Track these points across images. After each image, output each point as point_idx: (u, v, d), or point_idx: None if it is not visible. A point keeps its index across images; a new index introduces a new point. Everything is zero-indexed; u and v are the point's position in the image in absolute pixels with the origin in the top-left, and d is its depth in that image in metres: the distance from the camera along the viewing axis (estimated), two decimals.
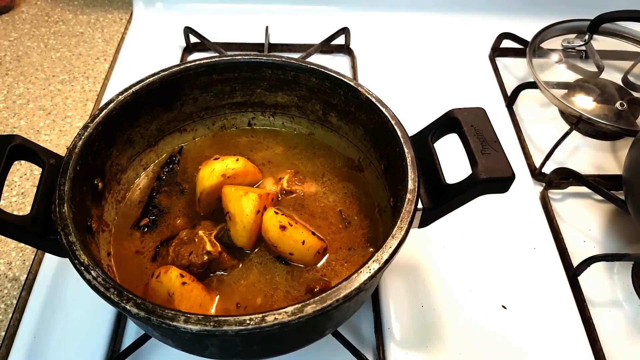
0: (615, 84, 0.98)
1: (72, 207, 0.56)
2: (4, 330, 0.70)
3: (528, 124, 1.01)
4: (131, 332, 0.70)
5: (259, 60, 0.74)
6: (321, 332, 0.61)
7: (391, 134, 0.64)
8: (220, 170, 0.68)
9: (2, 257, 0.77)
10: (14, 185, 0.86)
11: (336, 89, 0.72)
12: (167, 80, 0.70)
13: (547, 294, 0.76)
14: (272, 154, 0.78)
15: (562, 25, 1.06)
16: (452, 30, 1.21)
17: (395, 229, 0.55)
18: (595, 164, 0.95)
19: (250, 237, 0.65)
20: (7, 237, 0.55)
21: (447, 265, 0.78)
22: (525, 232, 0.83)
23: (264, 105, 0.80)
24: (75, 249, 0.52)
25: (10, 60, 1.09)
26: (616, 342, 0.72)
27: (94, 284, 0.50)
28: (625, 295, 0.77)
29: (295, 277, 0.64)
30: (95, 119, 0.64)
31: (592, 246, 0.83)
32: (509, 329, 0.72)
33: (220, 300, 0.62)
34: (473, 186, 0.57)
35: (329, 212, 0.71)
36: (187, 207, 0.71)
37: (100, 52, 1.12)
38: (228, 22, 1.18)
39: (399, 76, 1.09)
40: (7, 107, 0.99)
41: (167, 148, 0.78)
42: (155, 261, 0.66)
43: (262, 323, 0.47)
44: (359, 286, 0.50)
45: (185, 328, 0.47)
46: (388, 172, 0.68)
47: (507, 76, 1.11)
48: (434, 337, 0.71)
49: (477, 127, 0.61)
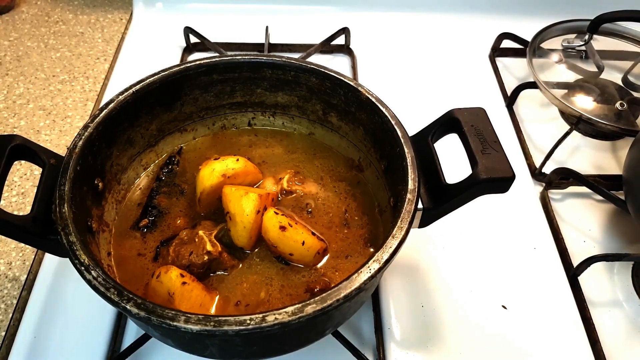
0: (615, 84, 0.98)
1: (72, 207, 0.56)
2: (4, 330, 0.70)
3: (528, 124, 1.01)
4: (131, 332, 0.70)
5: (259, 60, 0.74)
6: (321, 332, 0.61)
7: (391, 134, 0.64)
8: (220, 170, 0.68)
9: (2, 257, 0.77)
10: (14, 185, 0.86)
11: (336, 89, 0.72)
12: (167, 80, 0.70)
13: (547, 294, 0.76)
14: (272, 154, 0.78)
15: (562, 25, 1.06)
16: (452, 30, 1.21)
17: (395, 229, 0.55)
18: (595, 164, 0.95)
19: (250, 237, 0.65)
20: (8, 237, 0.55)
21: (447, 265, 0.78)
22: (525, 232, 0.83)
23: (264, 105, 0.80)
24: (75, 249, 0.52)
25: (10, 60, 1.09)
26: (616, 342, 0.72)
27: (95, 284, 0.50)
28: (625, 295, 0.77)
29: (295, 277, 0.64)
30: (95, 119, 0.64)
31: (592, 246, 0.83)
32: (509, 329, 0.72)
33: (220, 300, 0.62)
34: (473, 186, 0.57)
35: (329, 212, 0.71)
36: (187, 207, 0.71)
37: (100, 52, 1.12)
38: (228, 22, 1.18)
39: (399, 76, 1.09)
40: (7, 107, 0.99)
41: (168, 148, 0.78)
42: (156, 261, 0.66)
43: (262, 323, 0.47)
44: (359, 286, 0.50)
45: (185, 328, 0.47)
46: (388, 172, 0.68)
47: (507, 76, 1.11)
48: (434, 337, 0.71)
49: (477, 127, 0.61)
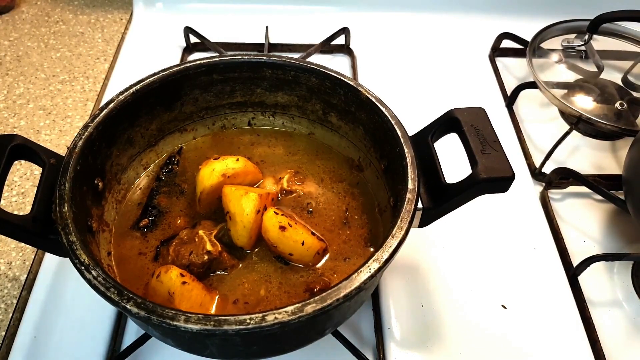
0: (615, 84, 0.98)
1: (72, 207, 0.56)
2: (4, 330, 0.70)
3: (528, 124, 1.01)
4: (131, 332, 0.70)
5: (259, 60, 0.74)
6: (321, 332, 0.61)
7: (391, 133, 0.64)
8: (220, 170, 0.68)
9: (2, 257, 0.77)
10: (14, 185, 0.86)
11: (336, 89, 0.72)
12: (167, 80, 0.70)
13: (547, 294, 0.76)
14: (272, 153, 0.78)
15: (562, 25, 1.06)
16: (452, 30, 1.21)
17: (395, 229, 0.55)
18: (595, 164, 0.95)
19: (250, 236, 0.65)
20: (8, 236, 0.55)
21: (447, 265, 0.78)
22: (525, 232, 0.83)
23: (264, 105, 0.80)
24: (75, 248, 0.52)
25: (10, 60, 1.09)
26: (616, 342, 0.72)
27: (95, 284, 0.50)
28: (625, 295, 0.77)
29: (295, 277, 0.64)
30: (95, 118, 0.64)
31: (592, 246, 0.83)
32: (509, 329, 0.72)
33: (220, 300, 0.62)
34: (473, 186, 0.57)
35: (329, 211, 0.71)
36: (187, 207, 0.71)
37: (100, 52, 1.12)
38: (228, 22, 1.18)
39: (399, 76, 1.09)
40: (7, 107, 0.99)
41: (168, 148, 0.78)
42: (156, 261, 0.66)
43: (262, 322, 0.47)
44: (359, 286, 0.50)
45: (185, 327, 0.47)
46: (388, 172, 0.68)
47: (507, 76, 1.11)
48: (434, 337, 0.71)
49: (477, 127, 0.61)
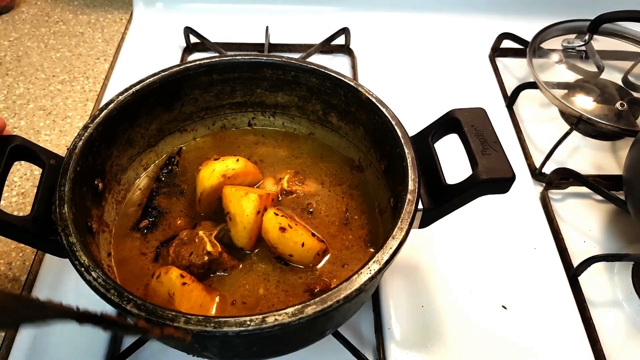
0: (615, 84, 0.98)
1: (72, 208, 0.56)
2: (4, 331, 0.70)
3: (528, 124, 1.01)
4: None
5: (259, 60, 0.74)
6: (321, 333, 0.61)
7: (391, 134, 0.64)
8: (220, 170, 0.68)
9: (3, 257, 0.77)
10: (14, 185, 0.86)
11: (336, 89, 0.72)
12: (167, 80, 0.70)
13: (547, 294, 0.76)
14: (272, 154, 0.78)
15: (562, 25, 1.06)
16: (452, 30, 1.20)
17: (395, 230, 0.55)
18: (595, 164, 0.95)
19: (250, 237, 0.65)
20: (8, 237, 0.55)
21: (447, 265, 0.78)
22: (525, 232, 0.83)
23: (264, 106, 0.80)
24: (75, 249, 0.52)
25: (10, 60, 1.09)
26: (616, 342, 0.72)
27: (95, 285, 0.50)
28: (625, 295, 0.77)
29: (295, 278, 0.64)
30: (95, 119, 0.64)
31: (592, 246, 0.83)
32: (509, 329, 0.72)
33: (220, 301, 0.62)
34: (473, 187, 0.57)
35: (329, 212, 0.71)
36: (187, 208, 0.71)
37: (100, 52, 1.12)
38: (228, 22, 1.18)
39: (399, 76, 1.09)
40: (7, 107, 0.99)
41: (168, 148, 0.78)
42: (156, 262, 0.66)
43: (262, 324, 0.47)
44: (360, 287, 0.50)
45: (185, 329, 0.47)
46: (388, 173, 0.68)
47: (507, 76, 1.11)
48: (434, 337, 0.71)
49: (477, 128, 0.61)
